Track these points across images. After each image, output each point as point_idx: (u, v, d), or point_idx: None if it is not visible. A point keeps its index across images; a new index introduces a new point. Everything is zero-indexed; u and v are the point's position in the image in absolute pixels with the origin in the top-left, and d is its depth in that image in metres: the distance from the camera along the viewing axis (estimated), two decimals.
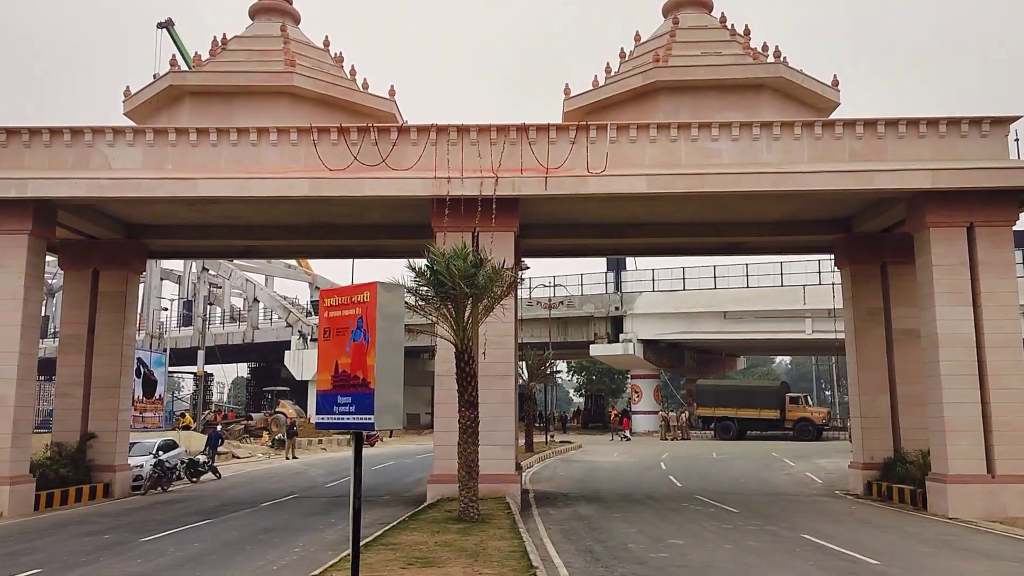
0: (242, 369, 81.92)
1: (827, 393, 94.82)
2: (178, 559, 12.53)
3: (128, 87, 20.45)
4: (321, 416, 7.44)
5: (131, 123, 19.84)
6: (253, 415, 56.30)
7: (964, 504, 17.43)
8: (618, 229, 23.50)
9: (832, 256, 25.06)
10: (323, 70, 20.53)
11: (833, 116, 20.57)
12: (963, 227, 18.49)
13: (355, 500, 7.18)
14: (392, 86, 21.00)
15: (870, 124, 18.66)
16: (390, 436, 52.75)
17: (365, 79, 20.88)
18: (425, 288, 14.81)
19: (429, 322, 16.63)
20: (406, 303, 15.29)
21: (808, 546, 13.42)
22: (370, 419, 6.95)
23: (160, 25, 61.91)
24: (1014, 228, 18.80)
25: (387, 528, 13.68)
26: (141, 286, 67.21)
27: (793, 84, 19.80)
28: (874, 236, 22.61)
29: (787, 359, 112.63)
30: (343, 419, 7.22)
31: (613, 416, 56.78)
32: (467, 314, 15.02)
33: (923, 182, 18.11)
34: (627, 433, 51.94)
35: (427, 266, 14.42)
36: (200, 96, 19.75)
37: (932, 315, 18.41)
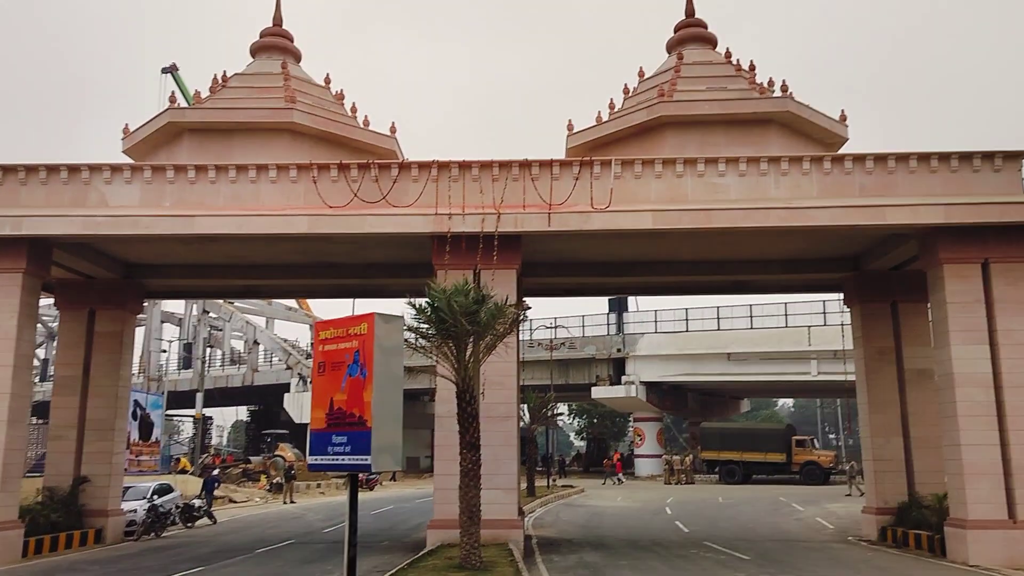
0: (242, 412, 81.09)
1: (831, 437, 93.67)
2: None
3: (127, 124, 20.30)
4: (315, 457, 6.97)
5: (130, 160, 19.58)
6: (252, 458, 55.44)
7: (985, 551, 16.74)
8: (622, 267, 23.13)
9: (840, 295, 24.66)
10: (323, 107, 20.36)
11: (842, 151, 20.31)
12: (978, 263, 18.09)
13: (350, 548, 6.67)
14: (393, 123, 20.84)
15: (880, 159, 18.37)
16: (392, 480, 51.84)
17: (366, 116, 20.75)
18: (426, 326, 14.38)
19: (429, 363, 16.18)
20: (406, 342, 14.91)
21: None
22: (367, 460, 6.49)
23: (165, 70, 62.55)
24: None
25: None
26: (141, 329, 67.29)
27: (801, 119, 19.58)
28: (884, 274, 22.22)
29: (790, 402, 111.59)
30: (338, 460, 6.75)
31: (606, 460, 55.70)
32: (468, 352, 14.57)
33: (936, 217, 17.76)
34: (620, 476, 50.99)
35: (428, 303, 14.01)
36: (199, 133, 19.55)
37: (948, 354, 17.91)
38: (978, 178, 18.31)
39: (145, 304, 61.23)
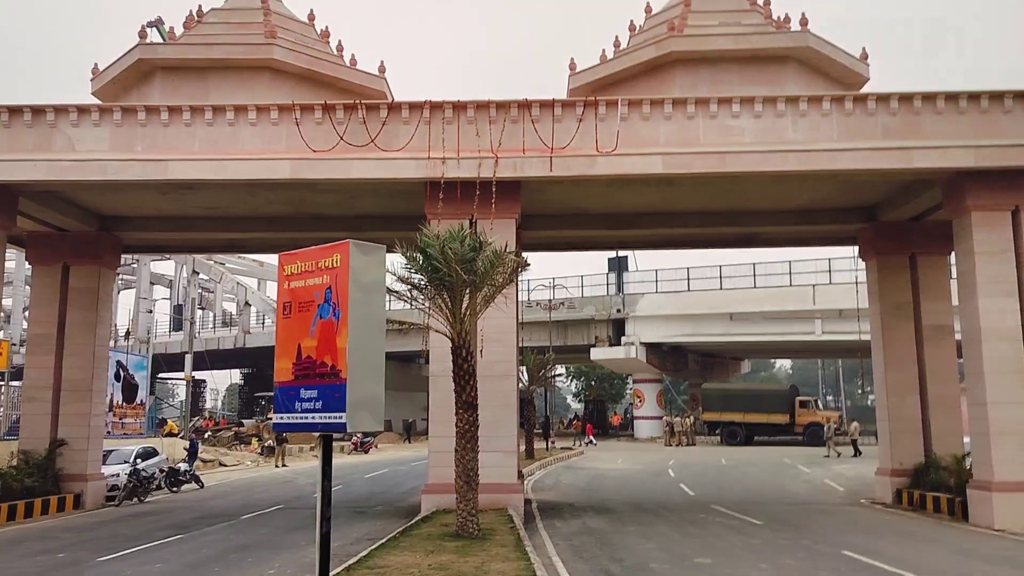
0: (235, 375, 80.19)
1: (829, 399, 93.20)
2: None
3: (96, 64, 18.84)
4: (281, 415, 5.83)
5: (99, 102, 18.18)
6: (244, 422, 54.68)
7: (1012, 514, 15.81)
8: (627, 219, 21.93)
9: (854, 249, 23.50)
10: (307, 44, 18.91)
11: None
12: (1007, 210, 16.93)
13: (323, 523, 5.55)
14: (382, 62, 19.40)
15: (905, 99, 17.08)
16: (406, 441, 51.08)
17: (353, 55, 19.27)
18: (418, 276, 13.20)
19: (422, 319, 15.03)
20: (395, 293, 13.73)
21: (853, 565, 11.78)
22: (341, 418, 5.35)
23: (150, 24, 60.43)
24: None
25: (375, 546, 12.03)
26: (131, 291, 66.02)
27: (820, 56, 18.21)
28: (903, 225, 21.07)
29: (788, 363, 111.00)
30: (307, 419, 5.61)
31: (575, 421, 54.60)
32: (465, 305, 13.41)
33: (965, 160, 16.55)
34: (591, 439, 50.15)
35: (419, 250, 12.81)
36: (173, 72, 18.12)
37: (974, 307, 16.82)
38: (1010, 119, 17.05)
39: (133, 265, 60.75)
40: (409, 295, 13.64)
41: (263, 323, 63.60)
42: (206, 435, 45.57)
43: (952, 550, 13.34)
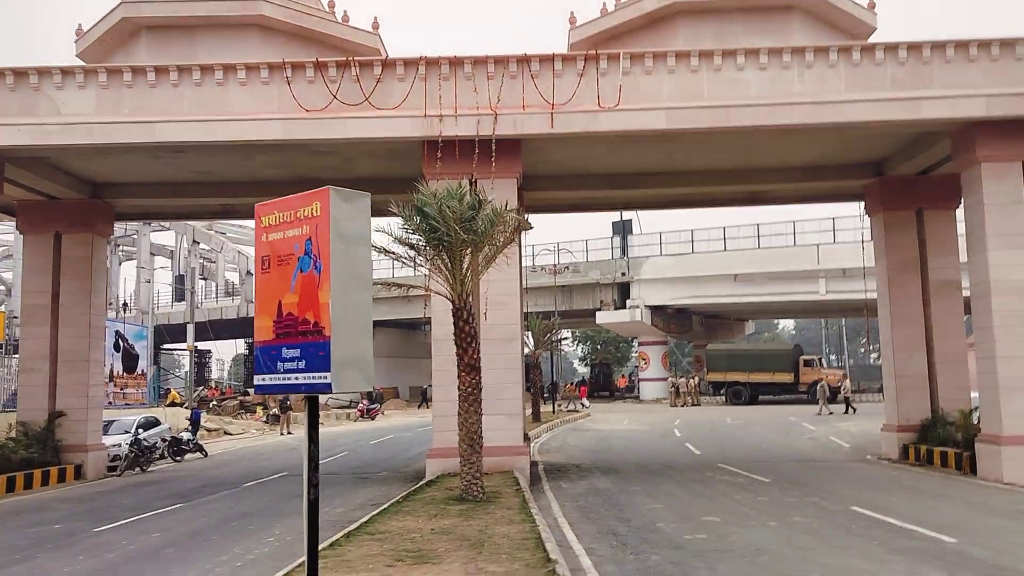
0: (240, 345, 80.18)
1: (832, 358, 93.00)
2: (127, 554, 10.69)
3: (80, 25, 18.31)
4: (262, 376, 5.51)
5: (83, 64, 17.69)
6: (249, 391, 54.68)
7: (1021, 468, 15.59)
8: (630, 179, 21.50)
9: (860, 205, 23.06)
10: (297, 0, 18.35)
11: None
12: (1018, 162, 16.48)
13: (311, 489, 5.27)
14: (375, 18, 18.84)
15: (914, 48, 16.53)
16: (426, 407, 51.04)
17: (345, 12, 18.70)
18: (416, 236, 12.85)
19: (424, 283, 14.72)
20: (393, 255, 13.40)
21: (864, 521, 11.56)
22: (326, 378, 5.03)
23: None
24: None
25: (377, 511, 11.85)
26: (133, 262, 65.68)
27: (826, 5, 17.62)
28: (910, 179, 20.62)
29: (791, 324, 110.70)
30: (290, 380, 5.30)
31: (569, 385, 54.10)
32: (465, 266, 13.08)
33: (976, 110, 16.06)
34: (584, 401, 49.83)
35: (417, 210, 12.44)
36: (159, 32, 17.59)
37: (983, 260, 16.45)
38: (1021, 68, 16.53)
39: (134, 236, 60.31)
40: (408, 257, 13.28)
41: None
42: (211, 404, 45.53)
43: (962, 505, 13.13)
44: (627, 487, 15.76)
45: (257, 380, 5.59)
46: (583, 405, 48.04)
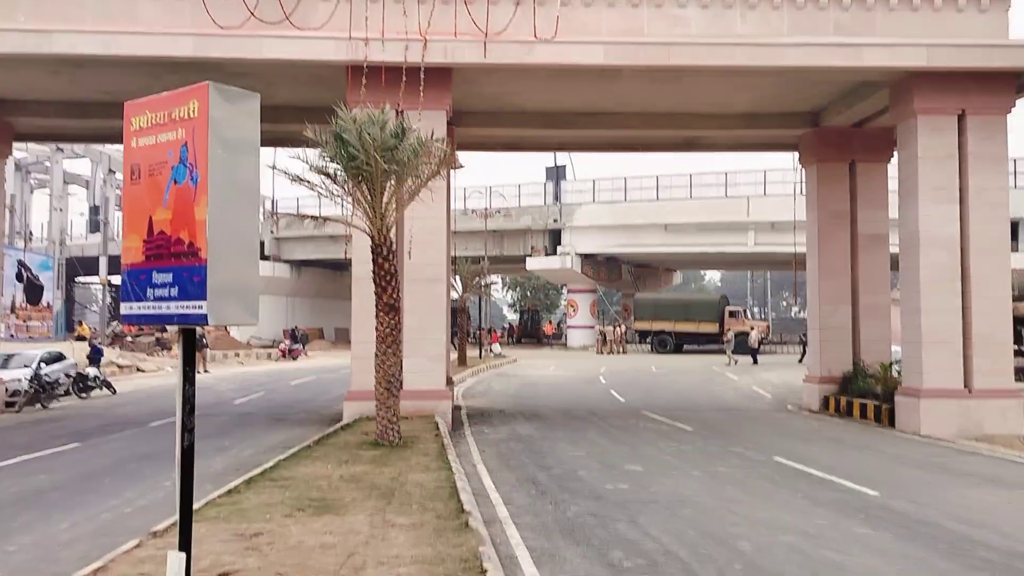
0: None
1: (755, 310, 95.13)
2: (3, 499, 9.80)
3: None
4: (130, 304, 4.75)
5: None
6: (167, 327, 52.74)
7: (938, 421, 15.87)
8: (565, 119, 20.84)
9: (795, 155, 22.95)
10: None
11: None
12: (954, 115, 16.40)
13: (185, 434, 4.59)
14: None
15: None
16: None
17: None
18: (333, 164, 11.97)
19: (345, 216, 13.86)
20: (308, 183, 12.50)
21: (786, 472, 11.46)
22: (200, 308, 4.31)
23: None
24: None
25: (284, 456, 11.18)
26: (46, 191, 62.10)
27: None
28: (844, 131, 20.51)
29: (717, 276, 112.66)
30: (161, 308, 4.55)
31: (482, 331, 53.42)
32: (386, 199, 12.29)
33: (918, 59, 15.83)
34: (497, 347, 49.68)
35: (335, 136, 11.55)
36: None
37: (914, 214, 16.44)
38: (962, 19, 16.35)
39: (47, 163, 56.90)
40: (323, 187, 12.40)
41: None
42: (126, 339, 43.72)
43: (882, 456, 13.20)
44: (550, 433, 15.45)
45: (124, 309, 4.82)
46: (493, 352, 47.54)
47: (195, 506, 7.76)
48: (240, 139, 4.44)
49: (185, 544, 4.67)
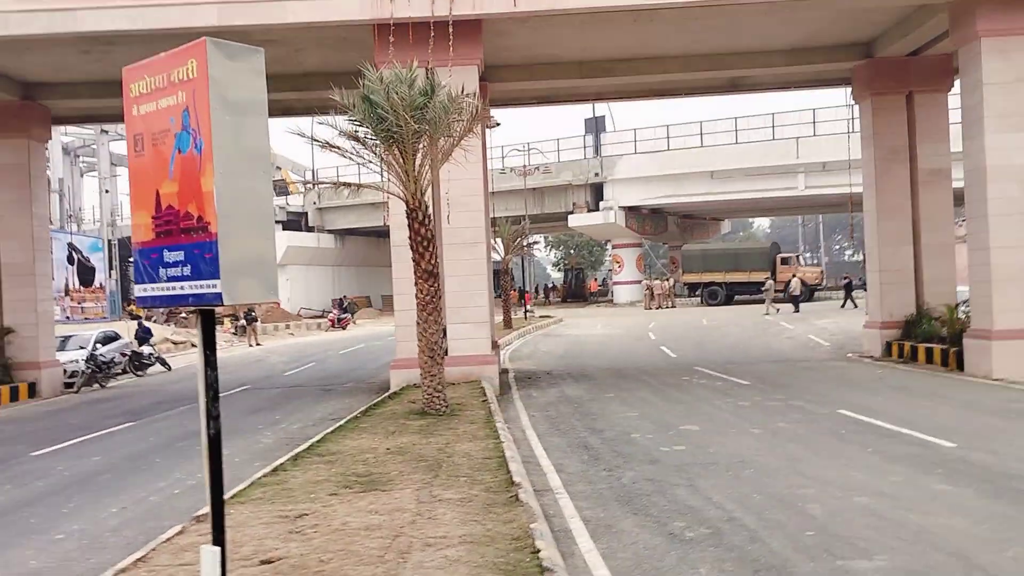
0: None
1: (807, 255, 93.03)
2: (59, 482, 9.79)
3: None
4: (144, 286, 4.42)
5: None
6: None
7: (1012, 363, 14.97)
8: (602, 67, 20.09)
9: (847, 90, 21.88)
10: None
11: None
12: (1022, 35, 15.27)
13: (210, 421, 4.27)
14: None
15: None
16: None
17: None
18: (363, 128, 11.56)
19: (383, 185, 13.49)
20: (335, 148, 12.10)
21: (853, 425, 10.88)
22: (215, 287, 3.95)
23: None
24: None
25: (331, 429, 10.98)
26: (94, 174, 63.02)
27: None
28: (900, 61, 19.42)
29: (766, 222, 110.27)
30: (175, 289, 4.21)
31: (513, 292, 51.56)
32: (418, 161, 11.86)
33: None
34: (530, 307, 48.61)
35: (362, 97, 11.12)
36: None
37: (980, 144, 15.44)
38: None
39: (94, 146, 57.57)
40: (354, 152, 12.02)
41: None
42: (180, 316, 44.41)
43: (954, 404, 12.53)
44: (600, 394, 15.05)
45: (139, 291, 4.50)
46: (529, 311, 46.65)
47: (241, 487, 7.64)
48: (245, 100, 4.04)
49: (219, 538, 4.39)
